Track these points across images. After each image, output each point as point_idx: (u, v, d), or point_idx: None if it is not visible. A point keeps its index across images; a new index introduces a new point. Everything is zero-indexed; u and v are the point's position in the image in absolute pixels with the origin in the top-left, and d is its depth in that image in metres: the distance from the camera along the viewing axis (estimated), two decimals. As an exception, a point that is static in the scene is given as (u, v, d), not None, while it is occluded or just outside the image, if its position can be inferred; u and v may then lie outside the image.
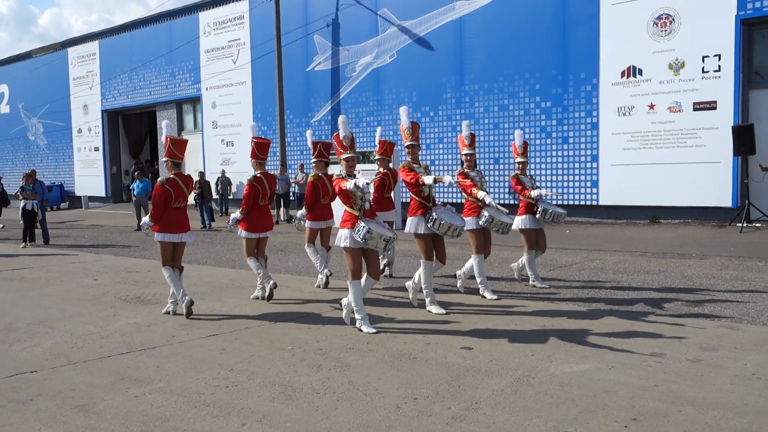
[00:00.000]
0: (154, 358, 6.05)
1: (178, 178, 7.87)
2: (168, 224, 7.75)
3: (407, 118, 7.60)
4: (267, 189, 8.61)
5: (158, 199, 7.71)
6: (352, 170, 6.88)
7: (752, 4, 14.17)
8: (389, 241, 6.58)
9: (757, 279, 9.07)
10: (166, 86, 27.62)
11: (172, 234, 7.77)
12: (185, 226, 7.91)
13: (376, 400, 4.74)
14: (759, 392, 4.66)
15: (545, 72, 17.09)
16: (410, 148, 7.62)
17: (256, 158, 8.70)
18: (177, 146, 7.96)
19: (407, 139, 7.60)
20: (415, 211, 7.55)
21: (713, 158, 14.68)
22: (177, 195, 7.80)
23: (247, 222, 8.52)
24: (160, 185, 7.75)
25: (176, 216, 7.82)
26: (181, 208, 7.90)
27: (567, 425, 4.19)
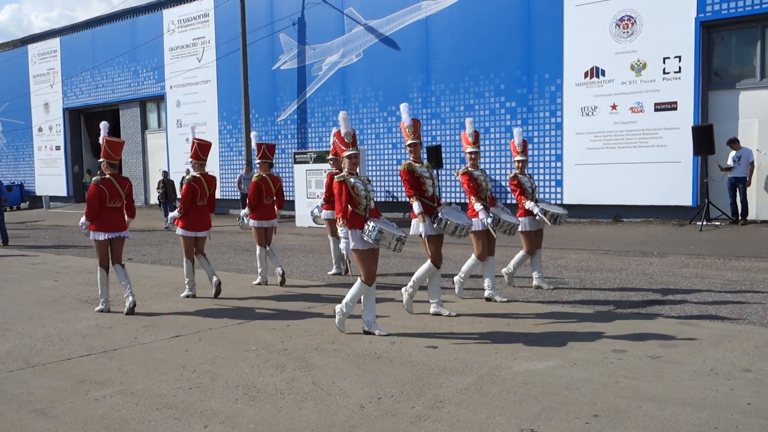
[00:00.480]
0: (116, 360, 5.96)
1: (114, 179, 8.02)
2: (104, 223, 7.91)
3: (408, 115, 7.21)
4: (206, 190, 8.85)
5: (93, 198, 7.87)
6: (355, 168, 6.59)
7: (711, 7, 14.45)
8: (401, 240, 6.34)
9: (716, 277, 9.25)
10: (129, 84, 27.25)
11: (109, 233, 7.93)
12: (121, 225, 8.08)
13: (341, 400, 4.73)
14: (717, 387, 4.75)
15: (510, 72, 17.23)
16: (412, 147, 7.21)
17: (197, 159, 8.89)
18: (113, 148, 8.12)
19: (409, 137, 7.20)
20: None
21: (674, 158, 14.94)
22: (112, 195, 7.96)
23: (185, 221, 8.76)
24: (95, 185, 7.91)
25: (111, 215, 7.98)
26: (116, 207, 8.04)
27: (529, 422, 4.23)
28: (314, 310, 7.83)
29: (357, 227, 6.40)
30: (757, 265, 10.08)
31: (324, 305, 8.07)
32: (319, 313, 7.66)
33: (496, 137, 17.47)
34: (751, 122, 14.59)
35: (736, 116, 14.75)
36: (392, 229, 6.44)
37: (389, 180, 19.75)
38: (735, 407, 4.37)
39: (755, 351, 5.61)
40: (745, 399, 4.50)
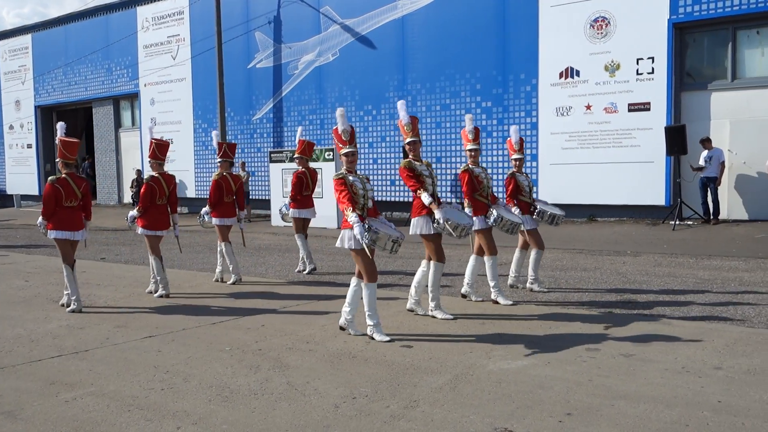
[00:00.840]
0: (87, 361, 5.88)
1: (70, 178, 8.05)
2: (60, 222, 7.95)
3: (406, 113, 6.99)
4: (165, 189, 8.95)
5: (48, 198, 7.91)
6: (353, 166, 6.44)
7: (684, 9, 14.62)
8: (397, 242, 6.17)
9: (688, 275, 9.36)
10: (102, 82, 26.93)
11: (66, 231, 7.98)
12: (78, 224, 8.11)
13: (315, 400, 4.71)
14: (688, 385, 4.80)
15: (486, 72, 17.28)
16: (411, 145, 6.99)
17: (155, 159, 8.96)
18: (68, 148, 8.15)
19: (407, 135, 6.98)
20: (420, 211, 7.01)
21: (647, 158, 15.09)
22: (68, 194, 8.00)
23: (145, 220, 8.86)
24: (50, 184, 7.92)
25: (68, 214, 8.02)
26: (72, 207, 8.06)
27: (503, 421, 4.24)
28: (289, 310, 7.79)
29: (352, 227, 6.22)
30: (728, 264, 10.22)
31: (299, 305, 8.04)
32: (294, 313, 7.62)
33: (472, 137, 17.48)
34: (722, 123, 14.79)
35: (708, 117, 14.94)
36: (389, 230, 6.27)
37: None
38: (706, 404, 4.42)
39: (726, 349, 5.68)
40: (716, 396, 4.55)
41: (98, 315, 7.77)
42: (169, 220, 9.07)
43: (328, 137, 20.32)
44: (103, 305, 8.35)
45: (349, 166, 6.42)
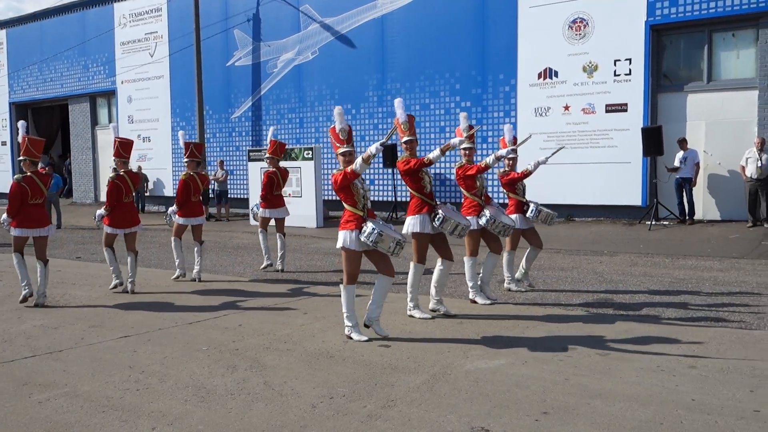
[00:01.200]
0: (61, 361, 5.81)
1: (35, 176, 8.20)
2: (26, 220, 8.12)
3: (403, 111, 6.82)
4: (131, 187, 9.10)
5: (14, 196, 8.07)
6: (412, 153, 6.31)
7: (661, 11, 14.76)
8: (400, 244, 6.06)
9: (663, 275, 9.45)
10: (78, 79, 26.61)
11: (30, 229, 8.14)
12: (44, 221, 8.30)
13: (292, 400, 4.69)
14: (663, 383, 4.85)
15: (465, 72, 17.33)
16: (408, 144, 6.84)
17: (119, 157, 9.10)
18: (34, 145, 8.32)
19: (404, 134, 6.83)
20: (418, 210, 6.91)
21: (624, 158, 15.22)
22: (33, 192, 8.15)
23: (111, 218, 9.03)
24: (16, 183, 8.09)
25: (33, 211, 8.18)
26: (38, 204, 8.29)
27: (480, 420, 4.25)
28: (267, 310, 7.75)
29: (353, 227, 6.16)
30: (703, 263, 10.34)
31: (277, 304, 8.01)
32: (272, 313, 7.59)
33: (451, 136, 17.51)
34: (698, 124, 14.95)
35: (684, 118, 15.10)
36: (391, 231, 6.19)
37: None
38: (680, 403, 4.46)
39: (700, 348, 5.75)
40: (690, 395, 4.60)
41: (73, 315, 7.69)
42: (137, 217, 9.23)
43: (307, 136, 20.28)
44: (78, 304, 8.25)
45: (347, 166, 6.25)
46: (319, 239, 14.97)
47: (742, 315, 6.93)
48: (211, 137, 22.63)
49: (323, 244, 13.86)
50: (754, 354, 5.53)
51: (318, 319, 7.13)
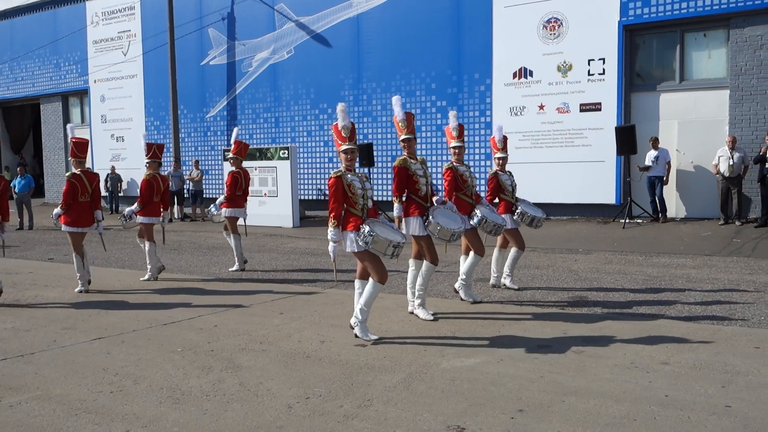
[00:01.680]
0: (33, 364, 5.72)
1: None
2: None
3: (401, 109, 6.68)
4: (87, 186, 9.13)
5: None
6: (352, 164, 6.13)
7: (633, 11, 14.92)
8: (398, 246, 5.83)
9: (637, 272, 9.55)
10: (50, 78, 26.28)
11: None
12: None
13: (268, 401, 4.67)
14: (636, 380, 4.89)
15: (441, 72, 17.38)
16: (406, 142, 6.69)
17: (76, 157, 9.24)
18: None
19: (402, 132, 6.68)
20: (412, 212, 6.82)
21: (598, 157, 15.37)
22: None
23: (69, 217, 9.04)
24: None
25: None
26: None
27: (456, 419, 4.26)
28: (242, 310, 7.71)
29: (352, 228, 5.97)
30: (676, 261, 10.46)
31: (253, 305, 7.96)
32: (247, 313, 7.54)
33: (427, 136, 17.59)
34: (671, 123, 15.14)
35: (657, 117, 15.29)
36: (389, 233, 5.97)
37: (322, 178, 19.66)
38: (653, 399, 4.51)
39: (673, 344, 5.81)
40: (663, 391, 4.65)
41: (45, 316, 7.58)
42: (93, 218, 9.22)
43: (283, 135, 20.20)
44: (50, 306, 8.14)
45: (348, 164, 6.13)
46: (295, 239, 14.92)
47: (714, 312, 7.02)
48: (185, 137, 22.45)
49: (299, 244, 13.82)
50: (725, 350, 5.61)
51: (294, 319, 7.10)
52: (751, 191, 14.07)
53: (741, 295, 7.81)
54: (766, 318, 6.70)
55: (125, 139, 23.93)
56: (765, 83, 13.94)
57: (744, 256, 10.63)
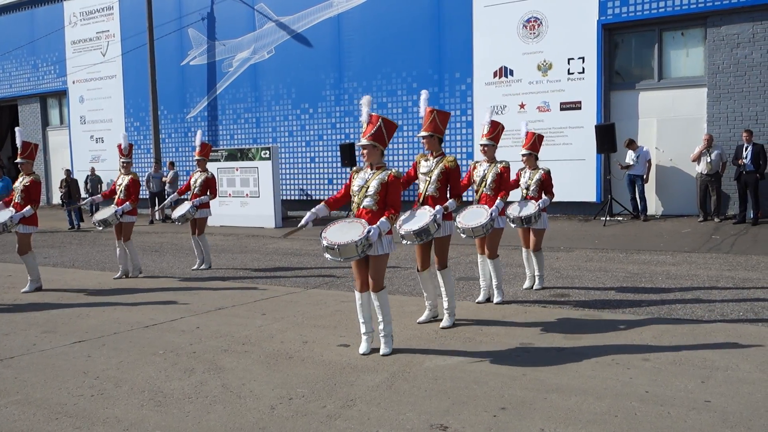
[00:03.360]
0: (12, 368, 5.66)
1: None
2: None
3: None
4: None
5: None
6: (369, 159, 5.74)
7: (612, 11, 15.03)
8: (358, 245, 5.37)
9: (618, 270, 9.63)
10: (28, 79, 26.00)
11: None
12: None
13: (250, 402, 4.65)
14: (617, 377, 4.93)
15: (422, 71, 17.41)
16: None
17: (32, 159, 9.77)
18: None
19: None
20: None
21: (579, 156, 15.46)
22: None
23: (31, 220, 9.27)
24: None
25: None
26: None
27: (439, 417, 4.28)
28: (225, 311, 7.68)
29: None
30: (656, 258, 10.55)
31: (235, 306, 7.93)
32: (229, 314, 7.51)
33: (408, 135, 17.62)
34: (650, 121, 15.27)
35: (636, 115, 15.41)
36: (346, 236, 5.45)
37: (303, 178, 19.62)
38: (634, 395, 4.55)
39: (653, 340, 5.87)
40: (644, 387, 4.70)
41: (25, 320, 7.50)
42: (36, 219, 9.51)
43: (264, 136, 20.13)
44: (30, 310, 8.05)
45: (366, 159, 5.80)
46: (277, 239, 14.88)
47: (693, 308, 7.09)
48: (166, 137, 22.31)
49: (282, 245, 13.78)
50: (705, 346, 5.67)
51: (276, 320, 7.08)
52: (729, 188, 14.23)
53: (720, 292, 7.90)
54: (744, 313, 6.79)
55: (105, 140, 23.72)
56: (741, 81, 14.11)
57: (723, 253, 10.75)
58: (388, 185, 5.65)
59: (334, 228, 5.67)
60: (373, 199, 5.64)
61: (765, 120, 13.99)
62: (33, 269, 9.42)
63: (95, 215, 10.54)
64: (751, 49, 13.97)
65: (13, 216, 8.98)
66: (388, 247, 5.63)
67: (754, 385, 4.69)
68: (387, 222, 5.54)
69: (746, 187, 13.51)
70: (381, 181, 5.65)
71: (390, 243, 5.65)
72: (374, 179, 5.67)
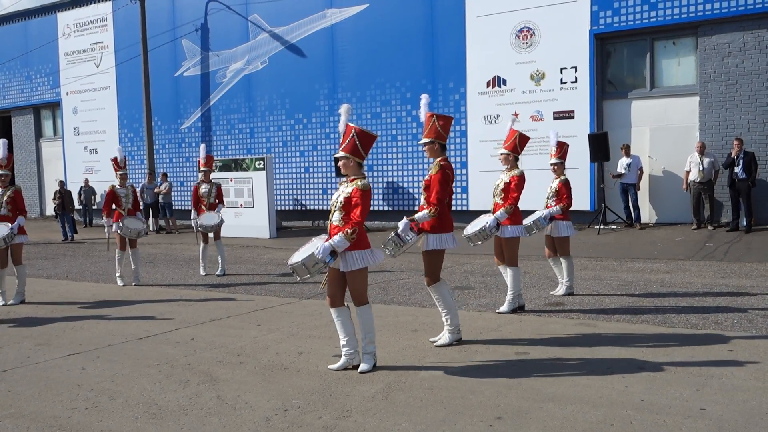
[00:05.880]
0: (6, 382, 5.63)
1: None
2: None
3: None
4: None
5: None
6: (345, 171, 5.59)
7: (604, 20, 15.11)
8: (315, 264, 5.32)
9: (612, 278, 9.65)
10: (21, 90, 25.96)
11: None
12: None
13: (246, 414, 4.64)
14: (612, 385, 4.94)
15: (415, 81, 17.44)
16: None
17: None
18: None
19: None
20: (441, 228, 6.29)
21: (572, 164, 15.35)
22: None
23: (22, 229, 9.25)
24: None
25: None
26: None
27: (435, 427, 4.27)
28: (219, 322, 7.65)
29: None
30: (650, 266, 10.58)
31: (230, 317, 7.91)
32: (224, 325, 7.49)
33: (402, 145, 17.64)
34: (642, 130, 15.34)
35: (629, 124, 15.47)
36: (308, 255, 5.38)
37: (297, 188, 19.61)
38: (629, 404, 4.55)
39: (648, 349, 5.88)
40: (639, 395, 4.70)
41: (18, 333, 7.47)
42: None
43: (258, 146, 20.13)
44: (23, 323, 8.02)
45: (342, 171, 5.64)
46: (272, 250, 14.86)
47: (688, 316, 7.11)
48: (160, 148, 22.29)
49: (276, 255, 13.76)
50: (699, 353, 5.68)
51: (271, 331, 7.07)
52: (723, 196, 14.28)
53: (714, 299, 7.92)
54: (739, 321, 6.80)
55: (98, 151, 23.68)
56: (733, 90, 14.19)
57: (717, 260, 10.78)
58: (351, 198, 5.42)
59: (300, 249, 5.67)
60: (340, 214, 5.43)
61: (757, 128, 14.07)
62: (24, 281, 9.45)
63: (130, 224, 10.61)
64: (742, 57, 14.06)
65: (13, 227, 9.00)
66: (357, 263, 5.39)
67: (749, 392, 4.70)
68: (340, 238, 5.28)
69: (739, 194, 13.57)
70: (346, 195, 5.45)
71: (362, 257, 5.41)
72: (344, 193, 5.48)
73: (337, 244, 5.30)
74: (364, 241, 5.49)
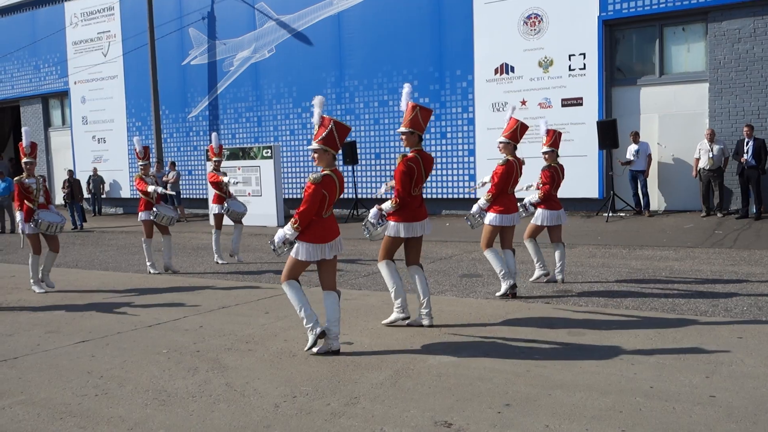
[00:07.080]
0: (16, 369, 5.67)
1: None
2: None
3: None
4: None
5: None
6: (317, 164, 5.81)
7: (613, 6, 15.00)
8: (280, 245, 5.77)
9: (621, 266, 9.61)
10: (30, 80, 26.00)
11: None
12: None
13: (255, 401, 4.65)
14: (621, 372, 4.93)
15: (423, 68, 17.38)
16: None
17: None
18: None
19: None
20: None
21: (581, 152, 15.43)
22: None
23: None
24: None
25: None
26: None
27: (443, 414, 4.28)
28: (228, 310, 7.68)
29: None
30: (659, 253, 10.54)
31: (238, 304, 7.93)
32: (233, 313, 7.51)
33: (410, 133, 17.57)
34: (651, 117, 15.25)
35: (638, 111, 15.38)
36: None
37: (305, 176, 19.60)
38: (638, 391, 4.54)
39: (657, 336, 5.86)
40: (648, 382, 4.69)
41: (28, 320, 7.52)
42: None
43: (266, 134, 20.13)
44: (33, 310, 8.07)
45: (316, 163, 5.86)
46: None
47: (697, 303, 7.09)
48: (168, 137, 22.31)
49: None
50: (708, 341, 5.66)
51: (280, 318, 7.08)
52: (732, 183, 14.20)
53: (723, 286, 7.89)
54: (748, 308, 6.77)
55: (107, 140, 23.73)
56: (743, 76, 14.07)
57: (726, 248, 10.73)
58: None
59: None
60: None
61: (766, 115, 13.96)
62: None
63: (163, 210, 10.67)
64: (753, 44, 13.94)
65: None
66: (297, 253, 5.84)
67: (758, 379, 4.68)
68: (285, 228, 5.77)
69: (748, 182, 13.49)
70: None
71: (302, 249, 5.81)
72: None
73: (284, 234, 5.80)
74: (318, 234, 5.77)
